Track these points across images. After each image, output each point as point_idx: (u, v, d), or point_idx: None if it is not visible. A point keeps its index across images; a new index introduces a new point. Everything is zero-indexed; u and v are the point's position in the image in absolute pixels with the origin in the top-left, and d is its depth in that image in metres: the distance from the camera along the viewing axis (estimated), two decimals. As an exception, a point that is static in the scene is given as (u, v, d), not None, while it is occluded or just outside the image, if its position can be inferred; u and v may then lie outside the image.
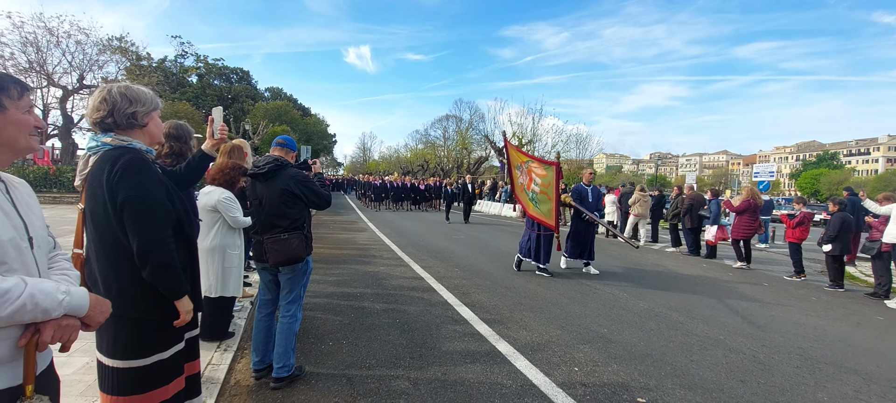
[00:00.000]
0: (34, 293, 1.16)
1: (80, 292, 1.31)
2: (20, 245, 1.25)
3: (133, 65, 27.12)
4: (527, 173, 7.74)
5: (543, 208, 7.39)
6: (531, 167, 7.72)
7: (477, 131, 43.21)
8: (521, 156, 8.18)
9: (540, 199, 7.45)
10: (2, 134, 1.28)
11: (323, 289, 6.01)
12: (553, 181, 7.18)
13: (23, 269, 1.25)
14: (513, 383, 3.44)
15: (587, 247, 7.90)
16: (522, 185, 7.84)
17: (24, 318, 1.16)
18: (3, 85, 1.29)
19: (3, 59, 20.18)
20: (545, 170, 7.45)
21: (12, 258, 1.22)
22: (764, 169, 18.20)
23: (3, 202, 1.27)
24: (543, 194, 7.39)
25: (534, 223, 7.54)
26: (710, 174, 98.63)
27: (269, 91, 59.38)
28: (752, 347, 4.45)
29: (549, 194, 7.26)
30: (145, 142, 1.89)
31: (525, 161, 7.93)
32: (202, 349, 3.03)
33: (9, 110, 1.29)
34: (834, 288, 7.58)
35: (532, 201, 7.59)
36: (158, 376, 1.82)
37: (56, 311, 1.21)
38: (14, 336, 1.21)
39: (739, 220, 9.56)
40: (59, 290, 1.24)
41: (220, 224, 3.82)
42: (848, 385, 3.70)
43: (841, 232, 7.60)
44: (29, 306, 1.14)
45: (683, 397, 3.33)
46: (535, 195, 7.53)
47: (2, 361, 1.19)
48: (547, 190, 7.32)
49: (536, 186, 7.51)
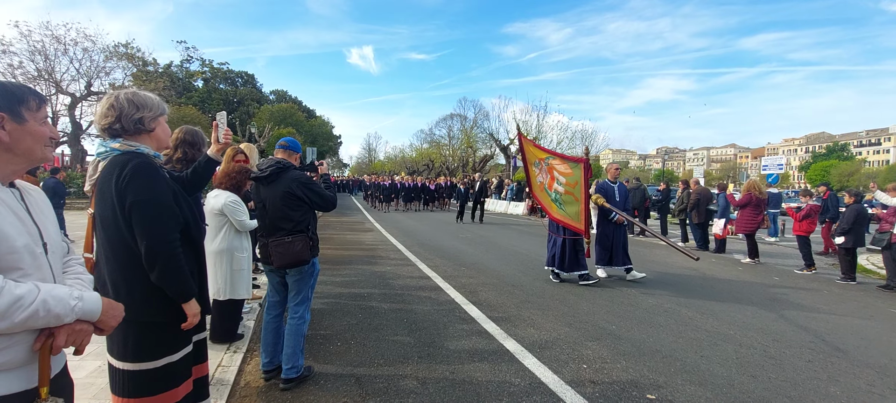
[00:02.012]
0: (47, 299, 1.17)
1: (93, 297, 1.32)
2: (35, 250, 1.28)
3: (140, 70, 27.38)
4: (547, 171, 6.95)
5: (570, 210, 6.58)
6: (552, 165, 6.89)
7: (482, 129, 43.19)
8: (538, 151, 7.35)
9: (565, 200, 6.64)
10: (20, 145, 1.30)
11: (330, 290, 6.03)
12: (581, 180, 6.42)
13: (37, 274, 1.27)
14: (521, 381, 3.44)
15: (617, 252, 7.15)
16: (542, 184, 7.05)
17: (38, 324, 1.17)
18: (22, 97, 1.31)
19: (12, 67, 20.46)
20: (571, 167, 6.63)
21: (27, 263, 1.24)
22: (772, 161, 18.04)
23: (18, 209, 1.29)
24: (569, 195, 6.58)
25: (558, 227, 6.76)
26: (718, 168, 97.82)
27: (274, 94, 59.68)
28: (762, 342, 4.41)
29: (577, 195, 6.46)
30: (153, 146, 1.91)
31: (544, 157, 7.09)
32: (212, 351, 3.07)
33: (28, 122, 1.31)
34: (846, 281, 7.48)
35: (555, 202, 6.80)
36: (168, 379, 1.84)
37: (68, 317, 1.23)
38: (29, 340, 1.23)
39: (742, 214, 9.48)
40: (72, 296, 1.25)
41: (228, 227, 3.85)
42: (861, 379, 3.66)
43: (855, 224, 7.50)
44: (42, 312, 1.16)
45: (694, 393, 3.31)
46: (559, 196, 6.72)
47: (17, 364, 1.21)
48: (573, 190, 6.53)
49: (560, 186, 6.69)
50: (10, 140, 1.27)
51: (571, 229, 6.58)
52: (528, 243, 11.18)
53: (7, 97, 1.28)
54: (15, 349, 1.20)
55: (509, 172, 34.45)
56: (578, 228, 6.48)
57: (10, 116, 1.27)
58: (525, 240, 11.72)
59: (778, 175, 17.50)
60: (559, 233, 6.73)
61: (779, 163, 17.81)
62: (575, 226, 6.52)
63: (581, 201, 6.42)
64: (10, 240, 1.20)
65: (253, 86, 54.40)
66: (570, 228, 6.59)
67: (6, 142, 1.27)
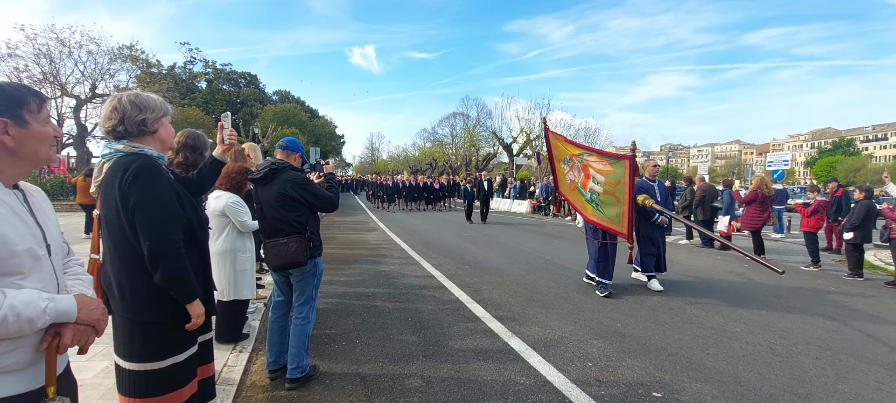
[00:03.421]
0: (14, 304, 1.14)
1: (65, 298, 1.29)
2: (37, 253, 1.27)
3: (143, 72, 27.49)
4: (581, 169, 6.32)
5: (609, 212, 5.98)
6: (588, 162, 6.24)
7: (484, 128, 43.12)
8: (570, 147, 6.61)
9: (603, 201, 6.02)
10: (24, 149, 1.29)
11: (335, 289, 6.04)
12: (625, 180, 5.77)
13: (38, 277, 1.27)
14: (526, 380, 3.43)
15: (662, 258, 6.57)
16: (573, 182, 6.45)
17: (9, 330, 1.14)
18: (22, 100, 1.29)
19: (17, 70, 20.59)
20: (612, 165, 5.98)
21: (28, 267, 1.24)
22: (778, 157, 17.87)
23: (22, 211, 1.29)
24: (609, 196, 5.97)
25: (596, 230, 6.14)
26: (723, 164, 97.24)
27: (277, 94, 59.87)
28: (769, 339, 4.38)
29: (619, 195, 5.85)
30: (157, 147, 1.92)
31: (577, 154, 6.44)
32: (217, 351, 3.07)
33: (30, 125, 1.30)
34: (853, 278, 7.42)
35: (591, 203, 6.20)
36: (174, 379, 1.84)
37: (40, 320, 1.20)
38: (33, 342, 1.24)
39: (747, 211, 9.43)
40: (41, 298, 1.21)
41: (230, 228, 3.86)
42: (870, 376, 3.62)
43: (864, 220, 7.44)
44: (11, 317, 1.13)
45: (700, 391, 3.29)
46: (595, 196, 6.11)
47: (23, 365, 1.22)
48: (614, 190, 5.91)
49: (597, 185, 6.08)
50: (14, 145, 1.26)
51: (611, 232, 6.03)
52: (531, 241, 11.16)
53: (7, 101, 1.26)
54: (20, 351, 1.21)
55: (512, 171, 34.38)
56: (620, 231, 5.88)
57: (13, 121, 1.26)
58: (529, 239, 11.70)
59: (783, 171, 17.37)
60: (597, 237, 6.12)
61: (784, 159, 17.63)
62: (616, 229, 5.94)
63: (624, 202, 5.79)
64: (11, 245, 1.19)
65: (256, 86, 54.58)
66: (609, 231, 6.04)
67: (10, 147, 1.26)
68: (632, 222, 5.87)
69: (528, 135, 33.53)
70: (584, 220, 6.40)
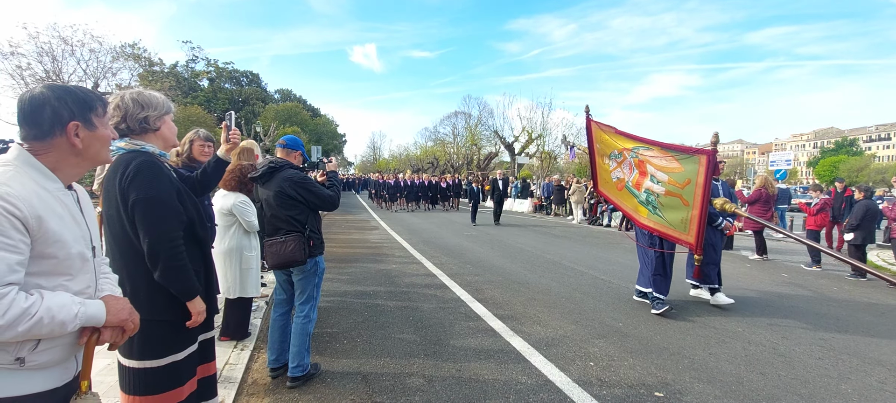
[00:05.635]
0: (50, 306, 1.16)
1: (95, 304, 1.31)
2: (86, 255, 1.31)
3: (146, 71, 27.55)
4: (635, 166, 5.32)
5: (671, 216, 4.97)
6: (645, 157, 5.17)
7: (486, 127, 43.05)
8: (621, 140, 5.45)
9: (665, 203, 5.00)
10: (90, 150, 1.33)
11: (337, 288, 6.05)
12: (699, 180, 4.61)
13: (84, 279, 1.31)
14: (528, 379, 3.43)
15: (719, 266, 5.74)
16: (621, 181, 5.53)
17: (41, 332, 1.16)
18: (91, 104, 1.33)
19: (20, 69, 20.63)
20: (680, 161, 4.82)
21: (77, 269, 1.27)
22: (780, 157, 17.81)
23: (76, 213, 1.31)
24: (673, 197, 4.92)
25: (651, 237, 5.33)
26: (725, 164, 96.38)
27: (278, 93, 59.98)
28: (772, 339, 4.37)
29: (687, 197, 4.76)
30: (159, 145, 1.92)
31: (630, 147, 5.32)
32: (219, 348, 3.08)
33: (97, 128, 1.34)
34: (855, 278, 7.39)
35: (646, 205, 5.23)
36: (173, 377, 1.85)
37: (71, 324, 1.21)
38: (67, 340, 1.27)
39: (750, 210, 9.40)
40: (74, 302, 1.23)
41: (236, 227, 3.87)
42: (872, 376, 3.61)
43: (864, 220, 7.41)
44: (46, 319, 1.15)
45: (702, 391, 3.28)
46: (653, 197, 5.11)
47: (57, 362, 1.26)
48: (681, 191, 4.84)
49: (657, 185, 5.05)
50: (82, 146, 1.30)
51: (670, 240, 5.13)
52: (533, 240, 11.15)
53: (80, 105, 1.30)
54: (56, 349, 1.24)
55: (514, 170, 34.35)
56: (686, 241, 4.85)
57: (84, 124, 1.30)
58: (530, 238, 11.70)
59: (786, 171, 17.31)
60: (653, 245, 5.32)
61: (787, 159, 17.55)
62: (676, 237, 4.98)
63: (696, 206, 4.67)
64: (67, 247, 1.23)
65: (258, 85, 54.71)
66: (668, 239, 5.15)
67: (79, 148, 1.30)
68: (702, 230, 4.72)
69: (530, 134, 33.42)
70: (636, 225, 5.52)
